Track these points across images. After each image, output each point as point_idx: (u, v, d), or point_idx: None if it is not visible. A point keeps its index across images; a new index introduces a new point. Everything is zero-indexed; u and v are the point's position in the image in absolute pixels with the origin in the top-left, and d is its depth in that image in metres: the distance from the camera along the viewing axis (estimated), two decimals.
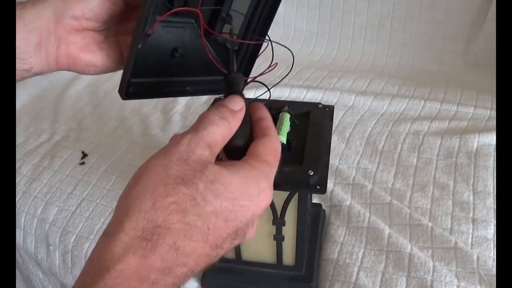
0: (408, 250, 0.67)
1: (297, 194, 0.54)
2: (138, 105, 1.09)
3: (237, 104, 0.37)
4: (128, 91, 0.44)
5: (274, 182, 0.38)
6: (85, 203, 0.82)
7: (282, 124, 0.56)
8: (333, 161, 0.85)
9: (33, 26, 0.41)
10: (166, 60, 0.47)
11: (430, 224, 0.71)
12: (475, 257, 0.65)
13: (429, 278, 0.63)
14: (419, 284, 0.63)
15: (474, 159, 0.83)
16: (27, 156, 0.94)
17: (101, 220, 0.79)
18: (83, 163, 0.91)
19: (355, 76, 1.14)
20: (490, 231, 0.70)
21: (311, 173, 0.50)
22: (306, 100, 1.04)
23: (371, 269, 0.66)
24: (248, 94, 0.60)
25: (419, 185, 0.79)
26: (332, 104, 0.79)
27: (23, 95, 1.15)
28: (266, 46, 0.49)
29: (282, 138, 0.54)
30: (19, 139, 1.01)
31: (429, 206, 0.75)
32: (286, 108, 0.59)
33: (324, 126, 0.59)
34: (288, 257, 0.63)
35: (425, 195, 0.77)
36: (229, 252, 0.64)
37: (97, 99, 1.13)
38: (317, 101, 0.68)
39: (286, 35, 1.35)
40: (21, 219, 0.83)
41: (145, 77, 0.45)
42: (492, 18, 1.12)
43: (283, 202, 0.55)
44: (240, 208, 0.33)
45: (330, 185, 0.80)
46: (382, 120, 0.96)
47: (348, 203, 0.76)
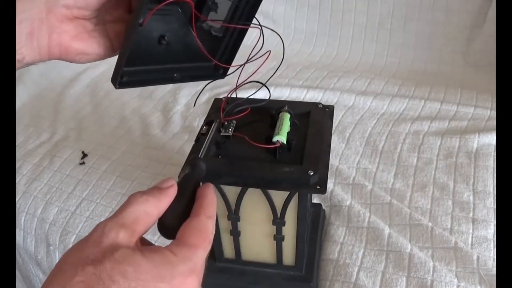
0: (408, 250, 0.67)
1: (297, 194, 0.54)
2: (138, 105, 1.09)
3: (167, 182, 0.36)
4: (122, 80, 0.45)
5: (274, 182, 0.37)
6: (85, 203, 0.82)
7: (282, 124, 0.56)
8: (333, 161, 0.85)
9: (24, 16, 0.41)
10: (154, 48, 0.48)
11: (430, 224, 0.71)
12: (475, 257, 0.65)
13: (429, 278, 0.63)
14: (419, 284, 0.63)
15: (474, 159, 0.83)
16: (27, 156, 0.94)
17: (101, 220, 0.78)
18: (83, 163, 0.91)
19: (355, 76, 1.14)
20: (490, 231, 0.70)
21: (311, 173, 0.50)
22: (306, 100, 1.04)
23: (371, 269, 0.66)
24: (248, 94, 0.60)
25: (419, 185, 0.79)
26: (332, 104, 0.79)
27: (23, 95, 1.15)
28: (259, 38, 0.49)
29: (282, 138, 0.54)
30: (19, 139, 1.01)
31: (429, 206, 0.75)
32: (286, 108, 0.59)
33: (324, 126, 0.59)
34: (288, 257, 0.63)
35: (425, 195, 0.77)
36: (229, 252, 0.64)
37: (97, 99, 1.13)
38: (317, 101, 0.68)
39: (286, 35, 1.35)
40: (21, 219, 0.83)
41: (136, 66, 0.46)
42: (492, 18, 1.12)
43: (283, 202, 0.55)
44: None
45: (330, 185, 0.80)
46: (382, 120, 0.96)
47: (348, 203, 0.76)
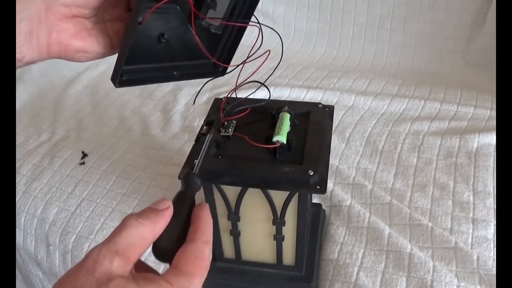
0: (408, 250, 0.67)
1: (297, 194, 0.54)
2: (138, 105, 1.09)
3: (162, 204, 0.35)
4: (121, 79, 0.45)
5: (276, 181, 0.37)
6: (85, 203, 0.82)
7: (282, 124, 0.56)
8: (333, 161, 0.85)
9: (23, 15, 0.41)
10: (153, 46, 0.48)
11: (430, 224, 0.71)
12: (475, 257, 0.65)
13: (429, 278, 0.63)
14: (419, 284, 0.63)
15: (474, 159, 0.83)
16: (27, 156, 0.94)
17: (101, 220, 0.79)
18: (83, 163, 0.91)
19: (355, 76, 1.14)
20: (490, 231, 0.70)
21: (311, 173, 0.50)
22: (306, 100, 1.04)
23: (371, 269, 0.66)
24: (248, 94, 0.60)
25: (419, 185, 0.79)
26: (332, 104, 0.79)
27: (23, 95, 1.15)
28: (258, 36, 0.48)
29: (282, 138, 0.54)
30: (19, 139, 1.01)
31: (429, 206, 0.75)
32: (286, 108, 0.59)
33: (324, 126, 0.59)
34: (288, 257, 0.63)
35: (425, 195, 0.77)
36: (229, 252, 0.64)
37: (97, 99, 1.13)
38: (317, 101, 0.68)
39: (286, 35, 1.35)
40: (21, 219, 0.83)
41: (136, 64, 0.46)
42: (492, 18, 1.12)
43: (283, 202, 0.55)
44: None
45: (330, 185, 0.80)
46: (382, 120, 0.96)
47: (348, 203, 0.76)
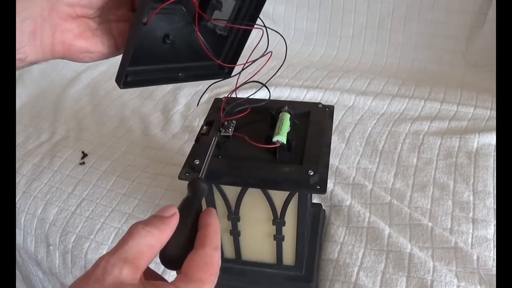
0: (408, 250, 0.67)
1: (297, 194, 0.54)
2: (138, 105, 1.09)
3: (168, 211, 0.35)
4: (126, 80, 0.45)
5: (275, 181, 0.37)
6: (85, 203, 0.82)
7: (282, 124, 0.56)
8: (333, 161, 0.85)
9: (26, 15, 0.41)
10: (158, 47, 0.48)
11: (430, 224, 0.71)
12: (475, 257, 0.65)
13: (429, 278, 0.63)
14: (419, 284, 0.63)
15: (474, 159, 0.83)
16: (27, 156, 0.94)
17: (101, 220, 0.79)
18: (83, 163, 0.91)
19: (355, 76, 1.14)
20: (490, 231, 0.70)
21: (311, 173, 0.50)
22: (306, 100, 1.04)
23: (371, 269, 0.66)
24: (248, 94, 0.60)
25: (419, 185, 0.79)
26: (332, 104, 0.79)
27: (23, 95, 1.15)
28: (261, 38, 0.48)
29: (282, 138, 0.54)
30: (19, 139, 1.01)
31: (429, 206, 0.75)
32: (286, 108, 0.58)
33: (324, 126, 0.59)
34: (288, 257, 0.63)
35: (425, 195, 0.77)
36: (229, 252, 0.64)
37: (97, 99, 1.13)
38: (317, 101, 0.68)
39: (286, 35, 1.35)
40: (21, 219, 0.83)
41: (140, 65, 0.46)
42: (492, 18, 1.12)
43: (283, 202, 0.55)
44: None
45: (330, 185, 0.80)
46: (382, 120, 0.96)
47: (348, 203, 0.76)
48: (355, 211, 0.74)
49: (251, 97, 0.60)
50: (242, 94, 0.59)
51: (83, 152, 0.94)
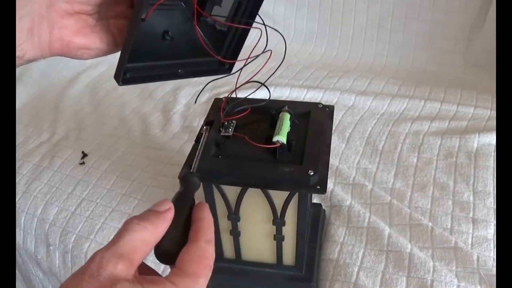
0: (408, 250, 0.67)
1: (297, 194, 0.54)
2: (138, 105, 1.09)
3: (163, 205, 0.35)
4: (125, 77, 0.44)
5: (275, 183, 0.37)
6: (85, 203, 0.82)
7: (282, 124, 0.56)
8: (333, 161, 0.85)
9: (24, 12, 0.41)
10: (158, 44, 0.47)
11: (430, 224, 0.71)
12: (475, 257, 0.65)
13: (429, 278, 0.63)
14: (419, 284, 0.63)
15: (474, 159, 0.83)
16: (27, 156, 0.94)
17: (101, 220, 0.79)
18: (83, 163, 0.91)
19: (355, 76, 1.14)
20: (490, 231, 0.70)
21: (311, 173, 0.50)
22: (306, 100, 1.04)
23: (371, 269, 0.66)
24: (248, 94, 0.60)
25: (419, 185, 0.79)
26: (332, 104, 0.79)
27: (23, 95, 1.15)
28: (260, 37, 0.48)
29: (282, 138, 0.54)
30: (19, 139, 1.01)
31: (429, 206, 0.75)
32: (286, 108, 0.58)
33: (324, 126, 0.59)
34: (288, 257, 0.63)
35: (425, 195, 0.77)
36: (229, 252, 0.64)
37: (97, 99, 1.13)
38: (317, 101, 0.68)
39: (286, 35, 1.34)
40: (21, 219, 0.83)
41: (139, 62, 0.45)
42: (492, 18, 1.12)
43: (283, 202, 0.55)
44: None
45: (330, 185, 0.80)
46: (382, 120, 0.96)
47: (348, 203, 0.76)
48: (355, 211, 0.74)
49: (251, 97, 0.60)
50: (242, 94, 0.59)
51: (83, 152, 0.94)
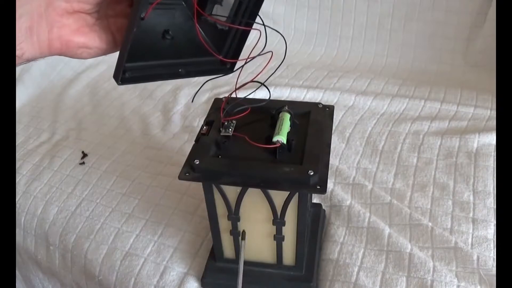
0: (408, 250, 0.67)
1: (297, 194, 0.54)
2: (138, 105, 1.09)
3: None
4: (124, 76, 0.44)
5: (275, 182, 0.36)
6: (85, 203, 0.82)
7: (282, 124, 0.56)
8: (333, 161, 0.85)
9: (23, 11, 0.41)
10: (158, 43, 0.47)
11: (430, 224, 0.71)
12: (475, 257, 0.65)
13: (429, 278, 0.63)
14: (419, 284, 0.63)
15: (474, 159, 0.83)
16: (27, 156, 0.94)
17: (101, 220, 0.79)
18: (83, 163, 0.91)
19: (355, 76, 1.14)
20: (490, 231, 0.70)
21: (311, 173, 0.50)
22: (306, 100, 1.04)
23: (371, 269, 0.66)
24: (248, 93, 0.60)
25: (419, 185, 0.79)
26: (332, 104, 0.79)
27: (23, 95, 1.15)
28: (259, 37, 0.48)
29: (282, 138, 0.54)
30: (19, 139, 1.01)
31: (429, 206, 0.75)
32: (286, 108, 0.58)
33: (324, 126, 0.59)
34: (288, 257, 0.63)
35: (425, 195, 0.77)
36: (229, 252, 0.64)
37: (97, 99, 1.13)
38: (317, 101, 0.68)
39: (286, 35, 1.34)
40: (21, 219, 0.83)
41: (139, 61, 0.45)
42: (492, 18, 1.12)
43: (283, 202, 0.55)
44: None
45: (330, 185, 0.80)
46: (382, 120, 0.96)
47: (348, 203, 0.76)
48: (355, 211, 0.74)
49: (251, 97, 0.60)
50: (242, 94, 0.59)
51: (83, 152, 0.94)
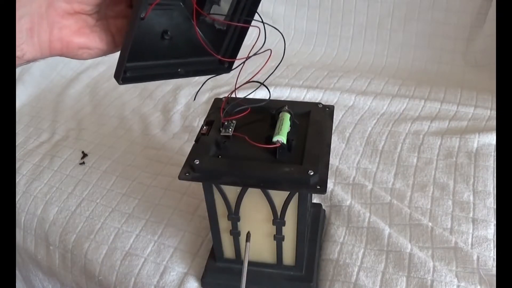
0: (408, 250, 0.67)
1: (297, 194, 0.54)
2: (138, 105, 1.09)
3: None
4: (125, 76, 0.45)
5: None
6: (85, 203, 0.82)
7: (282, 124, 0.56)
8: (333, 161, 0.85)
9: (23, 12, 0.41)
10: (157, 43, 0.48)
11: (430, 224, 0.71)
12: (475, 257, 0.65)
13: (429, 278, 0.63)
14: (419, 284, 0.63)
15: (474, 159, 0.83)
16: (27, 156, 0.94)
17: (101, 220, 0.79)
18: (83, 163, 0.91)
19: (355, 76, 1.14)
20: (490, 231, 0.70)
21: (311, 173, 0.50)
22: (306, 100, 1.04)
23: (371, 269, 0.66)
24: (248, 93, 0.60)
25: (419, 185, 0.79)
26: (332, 104, 0.79)
27: (23, 95, 1.15)
28: (259, 35, 0.48)
29: (282, 138, 0.54)
30: (19, 139, 1.01)
31: (429, 206, 0.75)
32: (286, 108, 0.58)
33: (324, 126, 0.59)
34: (288, 257, 0.63)
35: (425, 195, 0.77)
36: (229, 252, 0.64)
37: (97, 99, 1.13)
38: (317, 101, 0.68)
39: (286, 35, 1.34)
40: (21, 219, 0.83)
41: (139, 61, 0.46)
42: (492, 18, 1.12)
43: (283, 202, 0.55)
44: None
45: (330, 185, 0.80)
46: (382, 120, 0.96)
47: (348, 203, 0.76)
48: (355, 211, 0.74)
49: (251, 97, 0.60)
50: (242, 94, 0.59)
51: (83, 152, 0.94)
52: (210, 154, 0.54)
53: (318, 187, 0.50)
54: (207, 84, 1.09)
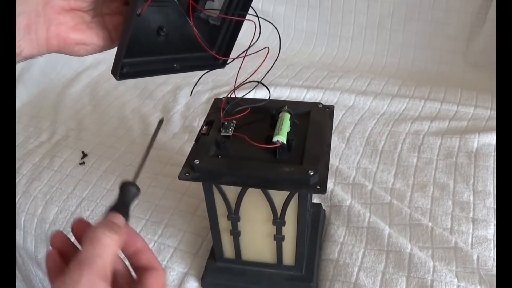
0: (408, 250, 0.67)
1: (297, 194, 0.54)
2: (138, 105, 1.09)
3: (118, 219, 0.40)
4: (122, 72, 0.45)
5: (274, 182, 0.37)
6: (85, 203, 0.82)
7: (282, 124, 0.56)
8: (333, 161, 0.85)
9: (21, 9, 0.41)
10: (153, 39, 0.48)
11: (430, 224, 0.71)
12: (475, 257, 0.65)
13: (429, 278, 0.63)
14: (419, 284, 0.63)
15: (474, 159, 0.83)
16: (27, 156, 0.94)
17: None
18: (83, 163, 0.91)
19: (355, 76, 1.14)
20: (490, 231, 0.70)
21: (311, 173, 0.50)
22: (306, 100, 1.04)
23: (371, 269, 0.66)
24: (247, 93, 0.60)
25: (419, 185, 0.79)
26: (332, 104, 0.79)
27: (23, 95, 1.15)
28: (255, 30, 0.49)
29: (282, 138, 0.54)
30: (19, 139, 1.00)
31: (429, 206, 0.75)
32: (286, 108, 0.59)
33: (324, 126, 0.59)
34: (288, 257, 0.63)
35: (425, 195, 0.77)
36: (229, 252, 0.64)
37: (97, 99, 1.13)
38: (317, 101, 0.68)
39: (286, 35, 1.35)
40: (21, 219, 0.83)
41: (136, 57, 0.46)
42: (492, 18, 1.12)
43: (283, 202, 0.55)
44: None
45: (330, 185, 0.80)
46: (382, 120, 0.96)
47: (348, 203, 0.76)
48: (355, 211, 0.74)
49: (251, 97, 0.60)
50: (242, 94, 0.59)
51: (83, 152, 0.94)
52: (210, 154, 0.54)
53: (318, 187, 0.50)
54: (207, 84, 1.09)
